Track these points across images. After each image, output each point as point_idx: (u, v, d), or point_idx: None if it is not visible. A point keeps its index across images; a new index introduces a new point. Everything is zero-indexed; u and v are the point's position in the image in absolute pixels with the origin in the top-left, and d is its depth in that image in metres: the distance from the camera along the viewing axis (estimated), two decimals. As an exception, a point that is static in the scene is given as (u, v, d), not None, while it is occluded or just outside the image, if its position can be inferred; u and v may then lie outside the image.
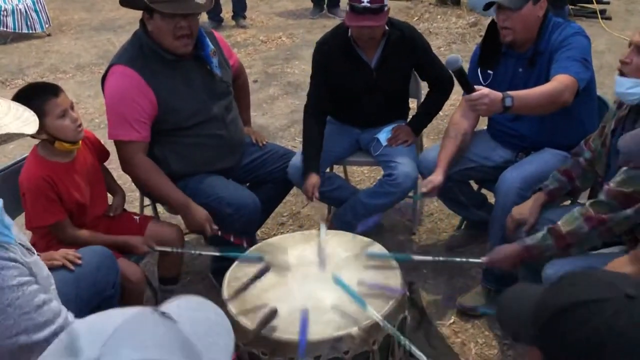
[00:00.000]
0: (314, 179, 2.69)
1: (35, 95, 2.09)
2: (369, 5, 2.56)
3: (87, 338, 0.86)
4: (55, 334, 1.40)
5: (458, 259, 2.19)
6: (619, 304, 0.93)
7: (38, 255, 1.57)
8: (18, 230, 1.51)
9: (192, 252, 2.59)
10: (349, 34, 2.74)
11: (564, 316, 0.96)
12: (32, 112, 1.58)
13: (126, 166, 2.48)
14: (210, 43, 2.52)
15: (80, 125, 2.19)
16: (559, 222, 1.96)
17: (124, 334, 0.86)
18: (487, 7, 2.45)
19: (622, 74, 1.97)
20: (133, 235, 2.37)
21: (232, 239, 2.39)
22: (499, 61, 2.55)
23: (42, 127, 2.08)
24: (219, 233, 2.45)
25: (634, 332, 0.91)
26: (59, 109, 2.11)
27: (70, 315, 1.49)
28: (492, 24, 2.51)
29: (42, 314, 1.39)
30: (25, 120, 1.54)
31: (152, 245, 2.35)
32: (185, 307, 0.98)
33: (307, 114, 2.89)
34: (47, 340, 1.38)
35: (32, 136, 2.10)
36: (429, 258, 2.21)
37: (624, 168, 1.85)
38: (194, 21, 2.38)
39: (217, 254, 2.36)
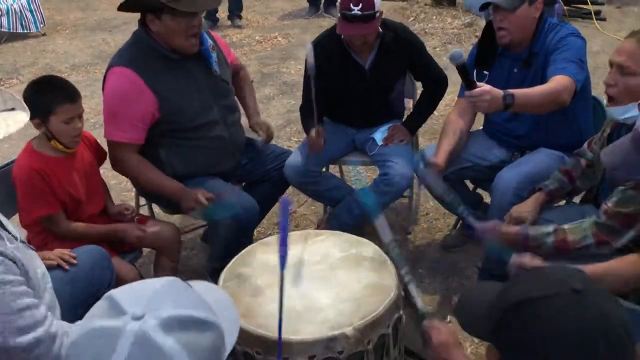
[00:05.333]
0: (316, 130, 2.69)
1: (55, 92, 2.13)
2: (359, 13, 2.55)
3: (127, 300, 0.96)
4: (35, 344, 1.36)
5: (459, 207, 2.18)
6: (566, 298, 0.97)
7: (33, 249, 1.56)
8: (8, 222, 1.49)
9: (183, 226, 2.57)
10: (343, 36, 2.74)
11: (515, 313, 1.00)
12: (25, 116, 1.59)
13: (117, 165, 2.49)
14: (208, 38, 2.52)
15: (79, 136, 2.21)
16: (566, 227, 1.95)
17: (163, 295, 0.97)
18: (484, 7, 2.46)
19: (609, 97, 1.96)
20: (123, 223, 2.38)
21: (224, 193, 2.43)
22: (494, 62, 2.55)
23: (45, 122, 2.11)
24: (213, 197, 2.43)
25: (581, 324, 0.95)
26: (68, 115, 2.13)
27: (55, 325, 1.43)
28: (489, 25, 2.52)
29: (23, 318, 1.35)
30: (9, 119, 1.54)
31: (143, 229, 2.36)
32: (197, 289, 1.07)
33: (303, 114, 2.90)
34: (26, 350, 1.34)
35: (34, 125, 2.13)
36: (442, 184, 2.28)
37: (620, 188, 1.84)
38: (200, 19, 2.40)
39: (202, 222, 2.36)
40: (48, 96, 2.11)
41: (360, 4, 2.54)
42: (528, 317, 0.98)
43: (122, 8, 2.39)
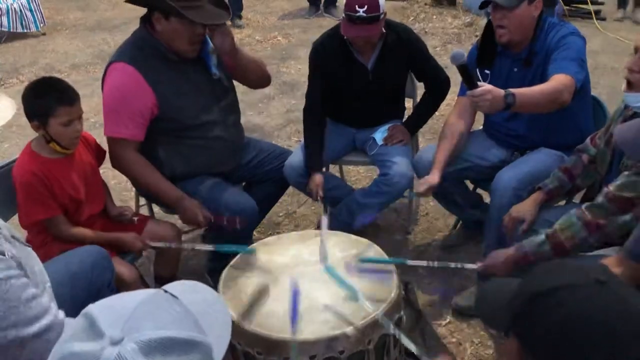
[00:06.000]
0: (318, 179, 2.71)
1: (54, 95, 2.11)
2: (364, 15, 2.55)
3: (106, 319, 0.90)
4: (45, 330, 1.38)
5: (452, 265, 2.18)
6: (590, 288, 0.97)
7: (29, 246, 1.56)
8: (4, 224, 1.49)
9: (187, 246, 2.58)
10: (345, 36, 2.74)
11: (538, 302, 1.00)
12: (13, 107, 1.60)
13: (116, 163, 2.48)
14: (210, 41, 2.52)
15: (78, 137, 2.21)
16: (556, 227, 1.94)
17: (143, 314, 0.91)
18: (483, 5, 2.46)
19: (629, 83, 1.94)
20: (127, 232, 2.37)
21: (225, 222, 2.39)
22: (494, 61, 2.55)
23: (44, 125, 2.10)
24: (212, 219, 2.44)
25: (604, 315, 0.95)
26: (67, 117, 2.12)
27: (61, 313, 1.46)
28: (489, 24, 2.52)
29: (31, 308, 1.37)
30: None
31: (146, 241, 2.35)
32: (181, 291, 1.02)
33: (307, 115, 2.90)
34: (37, 336, 1.37)
35: (33, 127, 2.13)
36: (424, 263, 2.19)
37: (625, 173, 1.85)
38: (205, 28, 2.39)
39: (211, 248, 2.35)
40: (46, 99, 2.10)
41: (366, 6, 2.55)
42: (552, 306, 0.97)
43: (131, 0, 2.39)
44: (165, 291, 0.98)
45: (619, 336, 0.93)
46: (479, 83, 2.11)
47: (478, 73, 2.57)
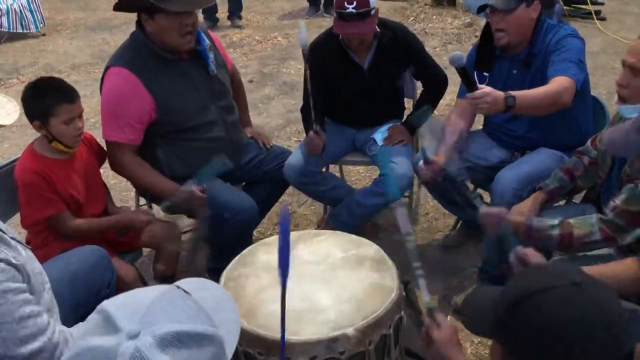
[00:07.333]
0: (311, 133, 2.71)
1: (53, 94, 2.12)
2: (354, 11, 2.55)
3: (122, 315, 0.91)
4: (36, 352, 1.34)
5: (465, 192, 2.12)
6: (565, 290, 1.00)
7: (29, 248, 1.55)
8: (7, 227, 1.49)
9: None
10: (340, 36, 2.74)
11: (516, 307, 1.02)
12: (15, 104, 1.59)
13: (114, 166, 2.50)
14: (205, 38, 2.52)
15: (80, 134, 2.21)
16: (572, 221, 1.92)
17: (159, 309, 0.93)
18: (481, 9, 2.46)
19: (620, 97, 1.94)
20: (126, 213, 2.40)
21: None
22: (493, 63, 2.55)
23: (45, 125, 2.11)
24: (205, 192, 2.40)
25: (581, 315, 0.97)
26: (68, 115, 2.13)
27: (58, 334, 1.42)
28: (488, 26, 2.52)
29: (25, 327, 1.33)
30: (6, 111, 1.55)
31: (150, 212, 2.36)
32: (192, 288, 1.04)
33: (305, 115, 2.90)
34: (26, 358, 1.32)
35: (34, 127, 2.13)
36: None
37: (629, 185, 1.84)
38: (195, 17, 2.39)
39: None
40: (46, 98, 2.10)
41: (355, 2, 2.54)
42: (530, 310, 1.00)
43: (117, 8, 2.40)
44: (178, 287, 0.99)
45: (597, 335, 0.95)
46: (478, 85, 2.11)
47: (476, 76, 2.57)
